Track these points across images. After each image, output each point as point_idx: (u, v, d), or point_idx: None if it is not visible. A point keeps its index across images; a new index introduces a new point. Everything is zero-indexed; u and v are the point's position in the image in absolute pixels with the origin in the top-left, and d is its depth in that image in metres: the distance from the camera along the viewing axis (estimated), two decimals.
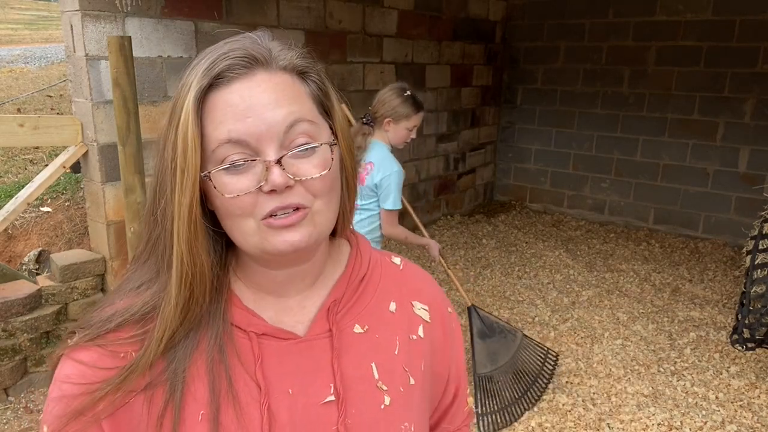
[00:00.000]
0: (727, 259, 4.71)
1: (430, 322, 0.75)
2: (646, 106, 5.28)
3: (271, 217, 0.58)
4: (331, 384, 0.64)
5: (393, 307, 0.72)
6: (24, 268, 3.13)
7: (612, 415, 2.66)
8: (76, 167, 3.11)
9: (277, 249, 0.59)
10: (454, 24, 5.20)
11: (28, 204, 2.95)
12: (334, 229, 0.70)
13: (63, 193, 3.45)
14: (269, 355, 0.64)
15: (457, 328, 0.81)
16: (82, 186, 3.35)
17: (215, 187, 0.58)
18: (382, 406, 0.66)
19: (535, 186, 6.11)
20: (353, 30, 4.21)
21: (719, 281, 4.27)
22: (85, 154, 2.94)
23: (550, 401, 2.75)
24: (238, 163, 0.57)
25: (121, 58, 2.29)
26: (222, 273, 0.65)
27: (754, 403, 2.78)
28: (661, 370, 3.05)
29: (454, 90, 5.42)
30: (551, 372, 2.92)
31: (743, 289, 3.38)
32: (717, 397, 2.81)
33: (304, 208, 0.59)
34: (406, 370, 0.70)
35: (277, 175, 0.57)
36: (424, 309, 0.75)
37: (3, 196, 3.29)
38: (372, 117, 2.42)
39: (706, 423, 2.60)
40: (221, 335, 0.62)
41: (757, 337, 3.25)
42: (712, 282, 4.26)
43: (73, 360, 0.61)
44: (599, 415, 2.65)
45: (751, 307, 3.26)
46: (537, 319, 3.61)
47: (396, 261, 0.79)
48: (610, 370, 3.03)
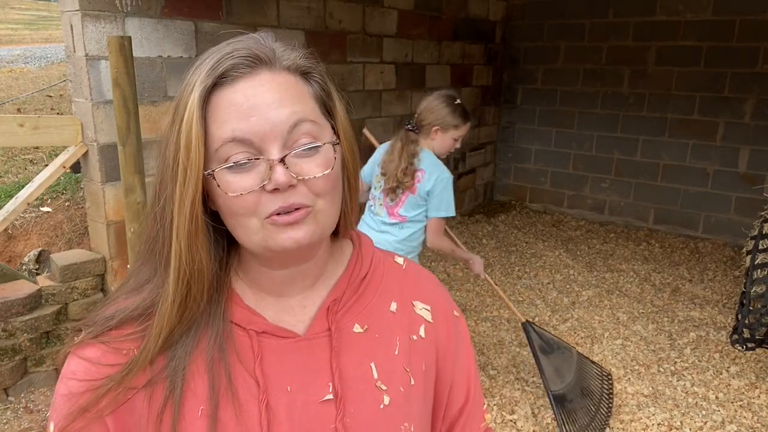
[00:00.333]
0: (727, 259, 4.71)
1: (432, 322, 0.74)
2: (646, 106, 5.28)
3: (275, 215, 0.59)
4: (329, 383, 0.65)
5: (394, 306, 0.72)
6: (24, 268, 3.13)
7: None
8: (76, 167, 3.11)
9: (281, 246, 0.59)
10: (454, 24, 5.20)
11: (28, 204, 2.95)
12: (337, 229, 0.71)
13: (63, 193, 3.45)
14: (269, 353, 0.64)
15: (465, 333, 0.79)
16: (82, 186, 3.35)
17: (219, 185, 0.58)
18: (381, 406, 0.66)
19: (535, 186, 6.11)
20: (353, 30, 4.21)
21: (719, 281, 4.27)
22: (85, 154, 2.94)
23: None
24: (242, 162, 0.57)
25: (121, 58, 2.29)
26: (223, 273, 0.65)
27: (754, 403, 2.78)
28: (661, 370, 3.05)
29: (454, 90, 5.41)
30: (610, 392, 2.74)
31: (743, 289, 3.38)
32: (717, 397, 2.81)
33: (307, 207, 0.59)
34: (407, 370, 0.70)
35: (281, 174, 0.57)
36: (425, 309, 0.74)
37: (3, 196, 3.29)
38: (417, 124, 2.35)
39: (706, 423, 2.60)
40: (221, 333, 0.63)
41: (757, 337, 3.25)
42: (712, 282, 4.26)
43: (78, 357, 0.62)
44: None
45: (751, 307, 3.26)
46: (537, 319, 3.61)
47: (399, 261, 0.78)
48: (610, 370, 3.03)
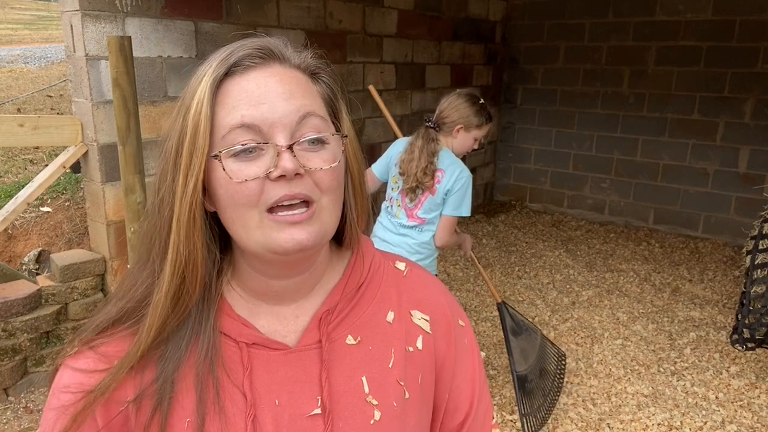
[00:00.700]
0: (727, 259, 4.71)
1: (431, 333, 0.71)
2: (646, 106, 5.28)
3: (277, 211, 0.57)
4: (318, 396, 0.63)
5: (391, 316, 0.69)
6: (24, 268, 3.13)
7: (612, 415, 2.66)
8: (76, 167, 3.11)
9: (281, 247, 0.58)
10: (454, 24, 5.20)
11: (28, 204, 2.95)
12: (340, 237, 0.69)
13: (63, 193, 3.45)
14: (258, 366, 0.63)
15: (471, 344, 0.75)
16: (82, 186, 3.35)
17: (224, 169, 0.57)
18: (372, 422, 0.64)
19: (535, 186, 6.11)
20: (353, 30, 4.21)
21: (719, 281, 4.27)
22: (85, 154, 2.94)
23: None
24: (249, 146, 0.57)
25: (121, 58, 2.29)
26: (216, 281, 0.64)
27: (754, 403, 2.78)
28: (661, 370, 3.05)
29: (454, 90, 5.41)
30: (563, 373, 2.88)
31: (743, 289, 3.39)
32: (717, 397, 2.81)
33: (311, 202, 0.58)
34: (401, 383, 0.67)
35: (288, 161, 0.56)
36: (424, 319, 0.71)
37: (3, 196, 3.29)
38: (438, 122, 2.31)
39: (706, 423, 2.60)
40: (211, 345, 0.62)
41: (757, 337, 3.25)
42: (712, 282, 4.26)
43: (71, 368, 0.62)
44: (599, 415, 2.65)
45: (751, 307, 3.26)
46: (537, 319, 3.61)
47: (400, 266, 0.75)
48: (610, 370, 3.03)
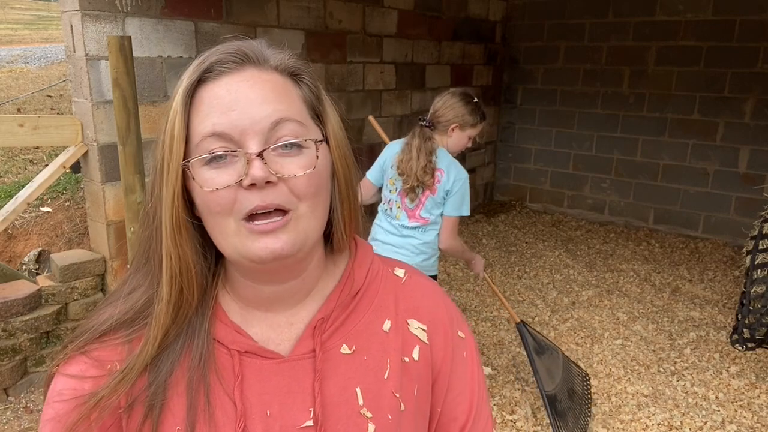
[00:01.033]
0: (727, 259, 4.71)
1: (428, 343, 0.69)
2: (646, 106, 5.28)
3: (252, 220, 0.56)
4: (310, 408, 0.61)
5: (387, 325, 0.67)
6: (24, 268, 3.13)
7: (612, 415, 2.66)
8: (76, 167, 3.11)
9: (257, 256, 0.56)
10: (454, 24, 5.20)
11: (28, 204, 2.95)
12: (332, 242, 0.67)
13: (63, 193, 3.45)
14: (250, 374, 0.62)
15: (471, 356, 0.73)
16: (82, 186, 3.35)
17: (194, 178, 0.57)
18: None
19: (535, 186, 6.11)
20: (353, 30, 4.21)
21: (719, 281, 4.27)
22: (85, 154, 2.94)
23: None
24: (218, 153, 0.56)
25: (121, 58, 2.29)
26: (210, 286, 0.64)
27: (754, 403, 2.78)
28: (661, 370, 3.05)
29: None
30: (589, 394, 2.74)
31: (743, 289, 3.39)
32: (717, 397, 2.81)
33: (286, 210, 0.57)
34: (397, 395, 0.65)
35: (257, 168, 0.54)
36: (421, 329, 0.69)
37: (3, 196, 3.29)
38: (433, 121, 2.30)
39: (706, 423, 2.60)
40: (204, 351, 0.61)
41: (757, 337, 3.25)
42: (712, 282, 4.26)
43: (64, 375, 0.61)
44: (599, 415, 2.65)
45: (751, 307, 3.26)
46: (537, 319, 3.61)
47: (399, 273, 0.73)
48: (610, 370, 3.03)
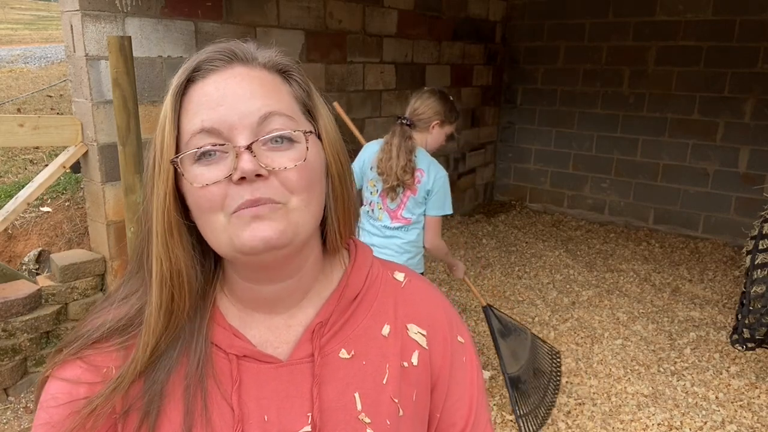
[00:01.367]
0: (727, 259, 4.71)
1: (427, 348, 0.68)
2: (646, 106, 5.29)
3: (241, 209, 0.56)
4: (308, 413, 0.61)
5: (386, 330, 0.67)
6: (24, 268, 3.13)
7: (612, 415, 2.66)
8: (76, 167, 3.11)
9: (247, 245, 0.55)
10: (454, 24, 5.20)
11: (28, 204, 2.95)
12: (327, 243, 0.66)
13: (63, 193, 3.45)
14: (248, 379, 0.61)
15: (470, 361, 0.72)
16: (82, 186, 3.35)
17: (183, 174, 0.57)
18: None
19: (535, 186, 6.11)
20: (353, 30, 4.21)
21: (719, 281, 4.27)
22: (85, 154, 2.94)
23: None
24: (206, 148, 0.56)
25: (121, 58, 2.29)
26: (209, 288, 0.63)
27: (754, 403, 2.78)
28: (661, 370, 3.05)
29: (454, 90, 5.42)
30: (559, 371, 2.89)
31: (743, 289, 3.39)
32: (717, 397, 2.81)
33: (277, 203, 0.56)
34: (395, 400, 0.64)
35: (247, 161, 0.54)
36: (421, 334, 0.69)
37: (3, 196, 3.29)
38: (412, 119, 2.30)
39: (706, 423, 2.60)
40: (201, 355, 0.60)
41: (757, 337, 3.25)
42: (712, 282, 4.26)
43: (58, 379, 0.60)
44: (599, 415, 2.65)
45: (751, 307, 3.26)
46: (537, 319, 3.61)
47: (399, 277, 0.72)
48: (610, 370, 3.03)
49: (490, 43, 5.75)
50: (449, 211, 2.31)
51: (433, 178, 2.25)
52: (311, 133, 0.60)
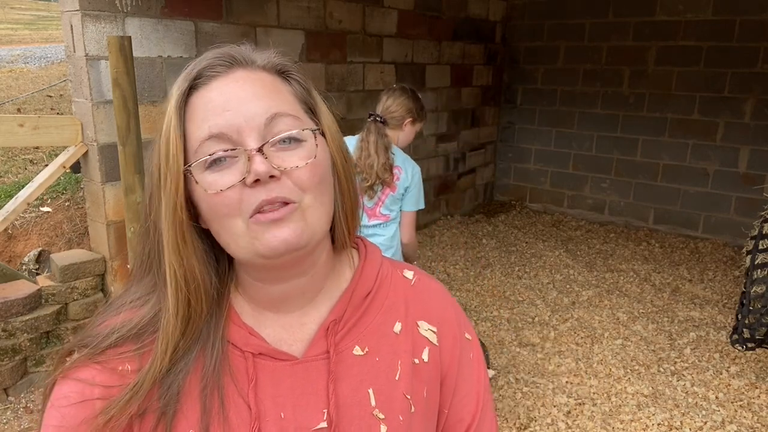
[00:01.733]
0: (727, 259, 4.71)
1: (437, 345, 0.70)
2: (646, 106, 5.29)
3: (259, 213, 0.56)
4: (324, 409, 0.62)
5: (398, 327, 0.68)
6: (24, 268, 3.13)
7: (612, 415, 2.66)
8: (76, 167, 3.11)
9: (268, 247, 0.56)
10: (454, 24, 5.20)
11: (28, 204, 2.95)
12: (336, 240, 0.67)
13: (63, 193, 3.45)
14: (264, 377, 0.62)
15: (477, 357, 0.74)
16: (82, 186, 3.35)
17: (197, 182, 0.57)
18: None
19: (535, 186, 6.11)
20: (353, 30, 4.21)
21: (719, 281, 4.27)
22: (85, 154, 2.94)
23: (551, 401, 2.75)
24: (219, 156, 0.56)
25: (121, 58, 2.29)
26: (224, 289, 0.64)
27: (754, 403, 2.78)
28: (661, 370, 3.05)
29: (454, 90, 5.42)
30: (487, 364, 2.87)
31: (743, 289, 3.39)
32: (717, 397, 2.81)
33: (292, 202, 0.57)
34: (407, 397, 0.66)
35: (259, 163, 0.55)
36: (431, 330, 0.70)
37: (3, 196, 3.29)
38: (385, 117, 2.33)
39: (706, 423, 2.60)
40: (218, 354, 0.61)
41: (757, 337, 3.25)
42: (712, 282, 4.26)
43: (70, 379, 0.60)
44: (599, 415, 2.65)
45: (751, 307, 3.26)
46: (537, 319, 3.61)
47: (408, 275, 0.73)
48: (610, 370, 3.03)
49: (490, 43, 5.75)
50: (423, 206, 2.38)
51: (410, 175, 2.30)
52: (317, 130, 0.61)
